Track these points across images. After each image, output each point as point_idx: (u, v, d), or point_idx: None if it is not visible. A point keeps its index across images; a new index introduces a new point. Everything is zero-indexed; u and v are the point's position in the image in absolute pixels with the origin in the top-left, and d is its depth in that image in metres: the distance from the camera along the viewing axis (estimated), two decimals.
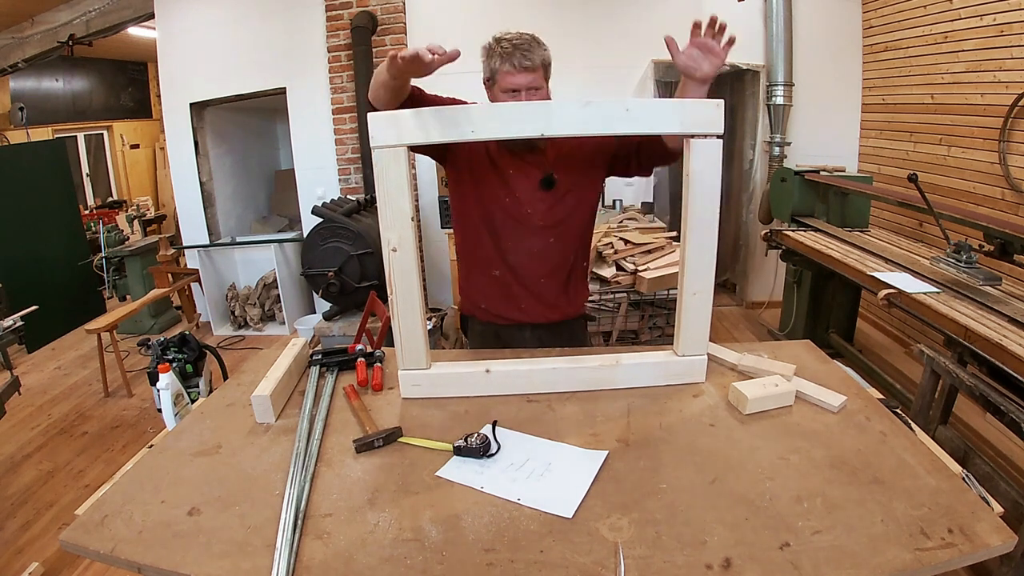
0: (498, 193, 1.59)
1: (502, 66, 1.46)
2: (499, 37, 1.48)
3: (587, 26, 4.03)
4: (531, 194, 1.59)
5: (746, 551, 0.88)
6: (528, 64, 1.44)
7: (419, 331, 1.30)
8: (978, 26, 3.01)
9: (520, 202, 1.59)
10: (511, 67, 1.44)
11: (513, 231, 1.61)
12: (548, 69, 1.51)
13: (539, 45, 1.47)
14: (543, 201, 1.59)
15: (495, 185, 1.59)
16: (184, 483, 1.09)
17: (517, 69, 1.44)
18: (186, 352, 2.65)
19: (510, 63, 1.44)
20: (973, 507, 0.94)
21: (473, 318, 1.78)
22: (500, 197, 1.59)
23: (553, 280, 1.67)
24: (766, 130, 4.18)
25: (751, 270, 4.54)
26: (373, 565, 0.88)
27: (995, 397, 1.74)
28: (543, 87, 1.50)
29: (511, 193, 1.58)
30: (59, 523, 2.38)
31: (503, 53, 1.45)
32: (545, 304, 1.67)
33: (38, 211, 4.62)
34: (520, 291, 1.65)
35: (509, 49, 1.44)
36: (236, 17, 4.25)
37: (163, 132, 5.64)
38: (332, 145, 4.27)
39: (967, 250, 2.35)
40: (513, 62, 1.44)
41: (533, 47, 1.46)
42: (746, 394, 1.24)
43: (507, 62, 1.44)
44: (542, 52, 1.47)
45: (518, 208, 1.59)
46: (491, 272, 1.66)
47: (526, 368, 1.37)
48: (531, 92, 1.47)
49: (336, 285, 3.34)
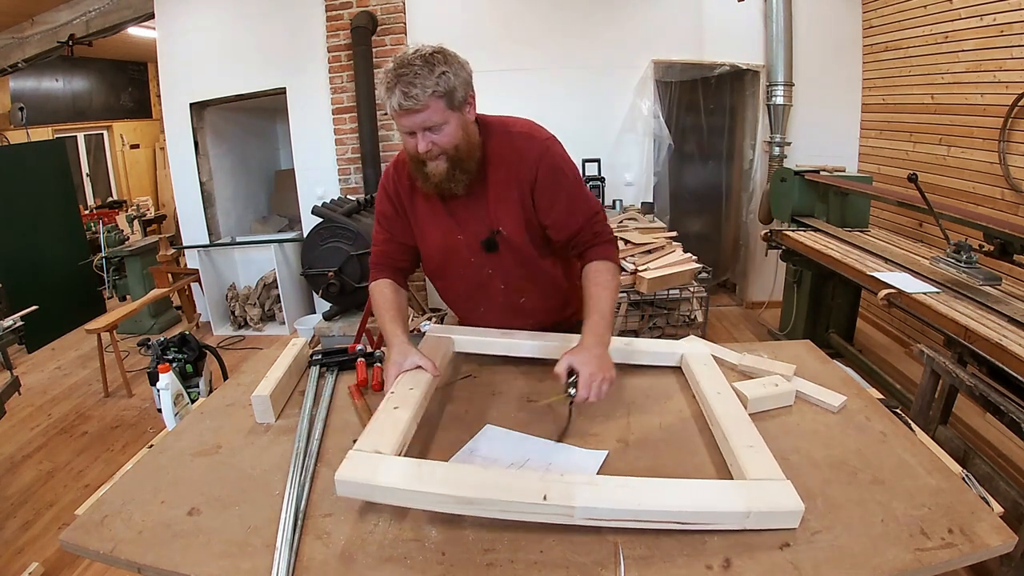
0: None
1: (387, 103, 1.18)
2: (395, 58, 1.19)
3: (587, 26, 4.03)
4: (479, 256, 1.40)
5: (746, 551, 0.88)
6: (409, 104, 1.14)
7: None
8: (978, 26, 3.01)
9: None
10: (393, 107, 1.17)
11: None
12: (452, 96, 1.18)
13: (431, 71, 1.14)
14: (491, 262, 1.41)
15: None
16: (184, 483, 1.09)
17: (398, 111, 1.16)
18: (186, 352, 2.65)
19: (391, 101, 1.16)
20: (973, 507, 0.94)
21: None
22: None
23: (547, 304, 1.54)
24: (766, 130, 4.18)
25: (751, 270, 4.54)
26: (373, 565, 0.88)
27: (995, 397, 1.74)
28: (448, 122, 1.20)
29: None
30: (59, 523, 2.38)
31: (388, 86, 1.16)
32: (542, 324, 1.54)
33: (38, 211, 4.62)
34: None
35: (392, 82, 1.15)
36: (236, 17, 4.25)
37: (163, 132, 5.63)
38: (332, 145, 4.27)
39: (967, 250, 2.35)
40: (393, 100, 1.15)
41: (419, 76, 1.14)
42: (746, 394, 1.24)
43: (389, 99, 1.16)
44: (433, 80, 1.14)
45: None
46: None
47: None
48: (429, 132, 1.20)
49: (336, 285, 3.34)
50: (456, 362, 1.52)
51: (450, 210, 1.38)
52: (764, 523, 0.91)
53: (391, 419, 1.11)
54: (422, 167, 1.26)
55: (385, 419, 1.11)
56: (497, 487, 0.93)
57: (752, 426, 1.12)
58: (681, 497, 0.93)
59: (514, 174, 1.32)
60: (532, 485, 0.93)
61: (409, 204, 1.41)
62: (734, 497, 0.93)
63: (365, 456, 0.99)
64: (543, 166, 1.32)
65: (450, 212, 1.38)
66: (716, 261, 4.58)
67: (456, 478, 0.96)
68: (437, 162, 1.24)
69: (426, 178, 1.28)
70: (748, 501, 0.91)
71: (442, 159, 1.24)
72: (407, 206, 1.41)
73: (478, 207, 1.36)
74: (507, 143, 1.33)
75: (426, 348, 1.41)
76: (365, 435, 1.05)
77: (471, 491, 0.92)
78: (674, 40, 4.03)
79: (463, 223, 1.38)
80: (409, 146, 1.24)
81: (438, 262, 1.46)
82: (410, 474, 0.96)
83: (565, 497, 0.91)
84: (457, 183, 1.28)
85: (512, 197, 1.34)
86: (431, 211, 1.39)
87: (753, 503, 0.91)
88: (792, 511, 0.91)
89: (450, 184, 1.28)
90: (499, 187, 1.34)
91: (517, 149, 1.32)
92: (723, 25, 4.03)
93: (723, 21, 4.03)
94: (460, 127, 1.23)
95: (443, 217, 1.39)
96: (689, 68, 4.13)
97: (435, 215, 1.39)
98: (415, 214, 1.42)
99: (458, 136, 1.23)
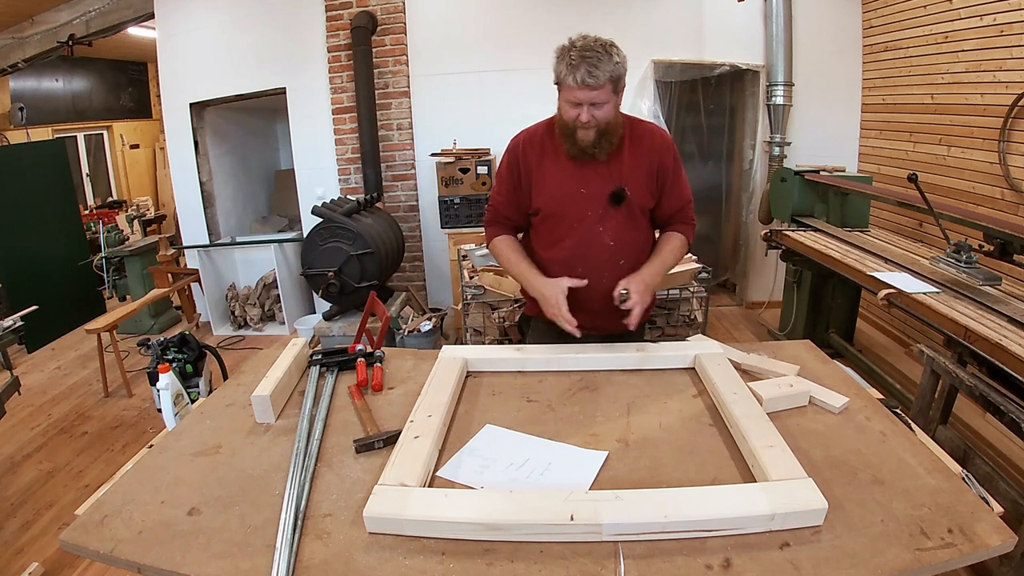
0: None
1: (567, 78, 1.40)
2: (573, 41, 1.42)
3: (587, 26, 3.96)
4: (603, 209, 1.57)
5: (746, 551, 0.88)
6: (591, 82, 1.38)
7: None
8: (978, 26, 3.01)
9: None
10: (574, 81, 1.39)
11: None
12: (619, 83, 1.44)
13: (610, 58, 1.39)
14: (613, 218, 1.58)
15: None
16: (184, 483, 1.09)
17: (579, 85, 1.39)
18: (186, 352, 2.66)
19: (574, 77, 1.38)
20: (973, 507, 0.94)
21: (536, 319, 1.73)
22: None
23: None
24: (766, 130, 4.18)
25: (751, 270, 4.54)
26: (373, 565, 0.88)
27: (995, 397, 1.74)
28: (609, 101, 1.44)
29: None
30: (59, 523, 2.37)
31: (570, 64, 1.38)
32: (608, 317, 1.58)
33: (38, 211, 4.61)
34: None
35: (576, 60, 1.37)
36: (236, 17, 4.25)
37: (163, 132, 5.63)
38: (332, 145, 4.27)
39: (967, 250, 2.35)
40: (576, 76, 1.38)
41: (602, 61, 1.37)
42: (762, 394, 1.24)
43: (572, 75, 1.38)
44: (611, 66, 1.39)
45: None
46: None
47: None
48: (594, 107, 1.43)
49: (336, 285, 3.34)
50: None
51: (579, 170, 1.56)
52: (789, 523, 0.91)
53: (412, 449, 1.11)
54: (573, 134, 1.48)
55: (407, 450, 1.11)
56: (524, 510, 0.93)
57: (771, 426, 1.12)
58: (707, 506, 0.93)
59: (648, 152, 1.58)
60: (558, 506, 0.93)
61: (537, 163, 1.60)
62: (758, 500, 0.93)
63: (391, 490, 0.99)
64: (670, 152, 1.61)
65: (579, 171, 1.56)
66: (716, 261, 4.58)
67: (483, 506, 0.96)
68: (588, 131, 1.47)
69: (574, 143, 1.50)
70: (772, 503, 0.92)
71: (593, 131, 1.47)
72: (533, 165, 1.60)
73: (609, 171, 1.56)
74: (642, 129, 1.60)
75: (440, 370, 1.43)
76: (389, 468, 1.05)
77: (499, 517, 0.93)
78: (674, 40, 4.03)
79: (589, 181, 1.56)
80: (570, 116, 1.46)
81: (553, 212, 1.60)
82: (438, 505, 0.96)
83: (592, 515, 0.91)
84: (601, 150, 1.51)
85: (643, 167, 1.58)
86: (558, 169, 1.58)
87: (777, 505, 0.91)
88: (816, 509, 0.92)
89: (595, 150, 1.50)
90: (635, 159, 1.57)
91: (653, 136, 1.60)
92: (723, 25, 4.03)
93: (723, 21, 4.02)
94: (615, 108, 1.48)
95: (570, 174, 1.57)
96: (689, 68, 4.13)
97: (562, 172, 1.58)
98: (541, 171, 1.60)
99: (612, 114, 1.47)
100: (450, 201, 3.94)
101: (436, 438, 1.16)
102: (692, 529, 0.91)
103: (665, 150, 1.59)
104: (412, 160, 4.25)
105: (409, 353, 1.65)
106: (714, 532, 0.91)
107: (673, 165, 1.61)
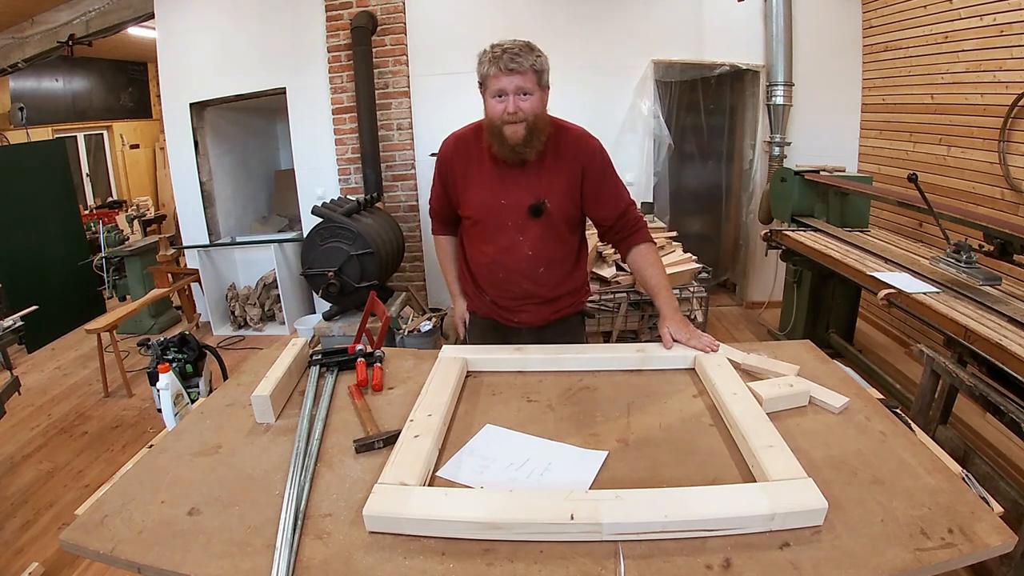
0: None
1: (490, 69, 1.46)
2: (493, 44, 1.49)
3: (587, 26, 4.03)
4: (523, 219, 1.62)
5: (746, 551, 0.88)
6: (514, 67, 1.43)
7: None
8: (978, 26, 3.01)
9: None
10: (497, 70, 1.45)
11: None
12: (542, 76, 1.49)
13: (531, 51, 1.46)
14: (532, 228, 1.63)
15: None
16: (184, 483, 1.09)
17: (503, 71, 1.44)
18: (186, 352, 2.65)
19: (497, 66, 1.45)
20: (973, 507, 0.94)
21: (473, 315, 1.85)
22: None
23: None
24: (766, 130, 4.18)
25: (751, 270, 4.54)
26: (373, 565, 0.88)
27: (995, 397, 1.74)
28: (534, 93, 1.48)
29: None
30: (59, 523, 2.37)
31: (492, 57, 1.46)
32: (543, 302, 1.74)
33: (38, 211, 4.61)
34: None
35: (498, 53, 1.45)
36: (236, 17, 4.24)
37: (163, 132, 5.63)
38: (332, 145, 4.27)
39: (967, 250, 2.35)
40: (500, 65, 1.44)
41: (523, 52, 1.45)
42: (762, 394, 1.24)
43: (494, 65, 1.45)
44: (533, 58, 1.46)
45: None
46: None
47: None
48: (520, 97, 1.47)
49: (336, 285, 3.34)
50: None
51: (502, 178, 1.60)
52: (789, 523, 0.91)
53: (412, 449, 1.11)
54: (500, 132, 1.50)
55: (407, 449, 1.11)
56: (524, 510, 0.93)
57: (771, 426, 1.12)
58: (707, 506, 0.93)
59: (571, 160, 1.59)
60: (558, 506, 0.93)
61: (462, 171, 1.64)
62: (758, 500, 0.93)
63: (391, 489, 0.99)
64: (596, 157, 1.61)
65: (501, 180, 1.60)
66: (716, 261, 4.58)
67: (483, 505, 0.96)
68: (516, 127, 1.48)
69: (503, 142, 1.51)
70: (772, 503, 0.91)
71: (522, 125, 1.48)
72: (459, 173, 1.65)
73: (529, 181, 1.59)
74: (567, 137, 1.60)
75: (440, 370, 1.44)
76: (389, 467, 1.05)
77: (499, 516, 0.93)
78: (674, 40, 4.03)
79: (510, 191, 1.60)
80: (497, 111, 1.49)
81: (478, 220, 1.65)
82: (438, 504, 0.96)
83: (592, 515, 0.91)
84: (531, 148, 1.52)
85: (564, 177, 1.59)
86: (482, 178, 1.62)
87: (777, 505, 0.91)
88: (816, 509, 0.92)
89: (525, 148, 1.51)
90: (554, 168, 1.59)
91: (576, 141, 1.60)
92: (723, 25, 4.03)
93: (723, 21, 4.02)
94: (541, 102, 1.51)
95: (493, 184, 1.61)
96: (689, 68, 4.13)
97: (485, 181, 1.62)
98: (466, 180, 1.64)
99: (539, 108, 1.50)
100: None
101: (436, 438, 1.16)
102: (692, 529, 0.91)
103: (590, 155, 1.60)
104: (412, 160, 4.24)
105: (409, 353, 1.65)
106: (714, 532, 0.91)
107: (601, 170, 1.62)
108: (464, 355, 1.51)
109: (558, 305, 1.75)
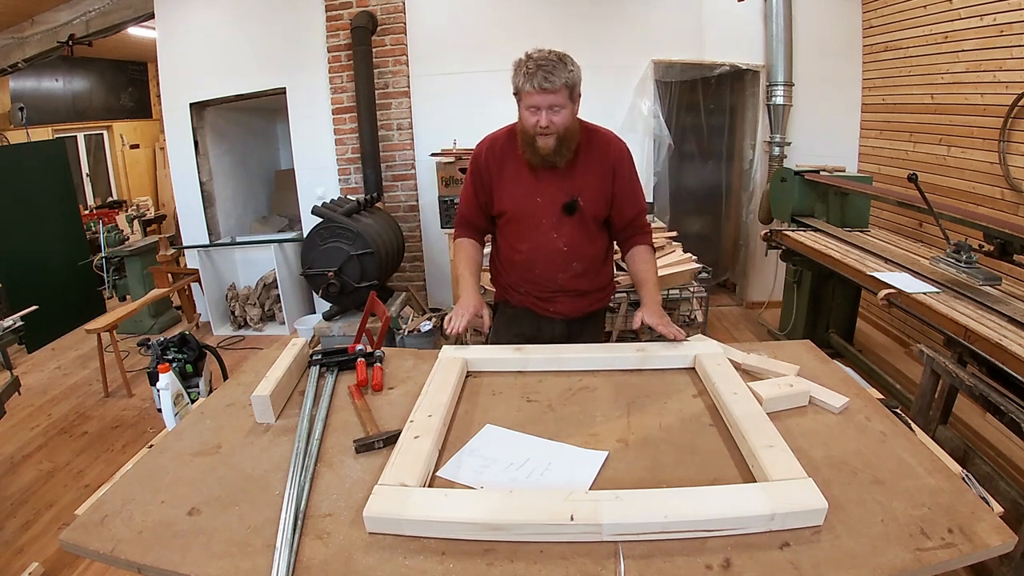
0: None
1: (524, 85, 1.52)
2: (529, 54, 1.53)
3: (587, 26, 4.03)
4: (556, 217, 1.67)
5: (746, 551, 0.88)
6: (547, 86, 1.48)
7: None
8: (978, 26, 3.00)
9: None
10: (531, 87, 1.50)
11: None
12: (574, 90, 1.54)
13: (564, 66, 1.50)
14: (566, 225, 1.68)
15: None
16: (184, 483, 1.09)
17: (537, 90, 1.49)
18: (186, 352, 2.65)
19: (531, 83, 1.49)
20: (973, 507, 0.94)
21: (506, 303, 1.89)
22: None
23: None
24: (766, 130, 4.18)
25: (751, 270, 4.54)
26: (373, 565, 0.88)
27: (995, 397, 1.74)
28: (566, 107, 1.54)
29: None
30: (59, 523, 2.37)
31: (527, 72, 1.50)
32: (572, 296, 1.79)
33: (38, 211, 4.61)
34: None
35: (533, 69, 1.49)
36: (236, 17, 4.24)
37: (163, 132, 5.63)
38: (332, 145, 4.27)
39: (967, 250, 2.35)
40: (534, 82, 1.49)
41: (557, 68, 1.49)
42: (762, 394, 1.24)
43: (529, 82, 1.50)
44: (566, 73, 1.50)
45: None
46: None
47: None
48: (552, 111, 1.52)
49: (336, 285, 3.34)
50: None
51: (537, 179, 1.67)
52: (789, 523, 0.91)
53: (412, 449, 1.11)
54: (533, 142, 1.58)
55: (407, 450, 1.11)
56: (524, 510, 0.93)
57: (771, 425, 1.12)
58: (707, 506, 0.93)
59: (601, 161, 1.67)
60: (558, 506, 0.93)
61: (497, 171, 1.71)
62: (758, 500, 0.93)
63: (391, 490, 0.99)
64: (624, 161, 1.71)
65: (535, 180, 1.67)
66: (716, 261, 4.58)
67: (483, 506, 0.96)
68: (548, 139, 1.56)
69: (535, 151, 1.59)
70: (772, 504, 0.91)
71: (552, 137, 1.56)
72: (494, 173, 1.71)
73: (563, 181, 1.66)
74: (596, 138, 1.69)
75: (440, 370, 1.43)
76: (389, 468, 1.05)
77: (499, 517, 0.93)
78: (674, 40, 4.03)
79: (545, 190, 1.67)
80: (530, 123, 1.56)
81: (512, 217, 1.72)
82: (438, 505, 0.96)
83: (592, 515, 0.91)
84: (561, 157, 1.61)
85: (595, 177, 1.67)
86: (517, 178, 1.69)
87: (777, 505, 0.91)
88: (816, 509, 0.92)
89: (555, 157, 1.60)
90: (586, 167, 1.66)
91: (607, 143, 1.70)
92: (723, 25, 4.03)
93: (723, 21, 4.02)
94: (572, 115, 1.58)
95: (528, 183, 1.68)
96: (689, 68, 4.13)
97: (520, 180, 1.68)
98: (501, 180, 1.71)
99: (569, 120, 1.57)
100: (450, 201, 3.94)
101: (436, 438, 1.16)
102: (692, 529, 0.91)
103: (620, 157, 1.69)
104: (412, 160, 4.24)
105: (409, 353, 1.65)
106: (714, 532, 0.90)
107: (628, 173, 1.71)
108: (464, 355, 1.51)
109: (590, 299, 1.82)
